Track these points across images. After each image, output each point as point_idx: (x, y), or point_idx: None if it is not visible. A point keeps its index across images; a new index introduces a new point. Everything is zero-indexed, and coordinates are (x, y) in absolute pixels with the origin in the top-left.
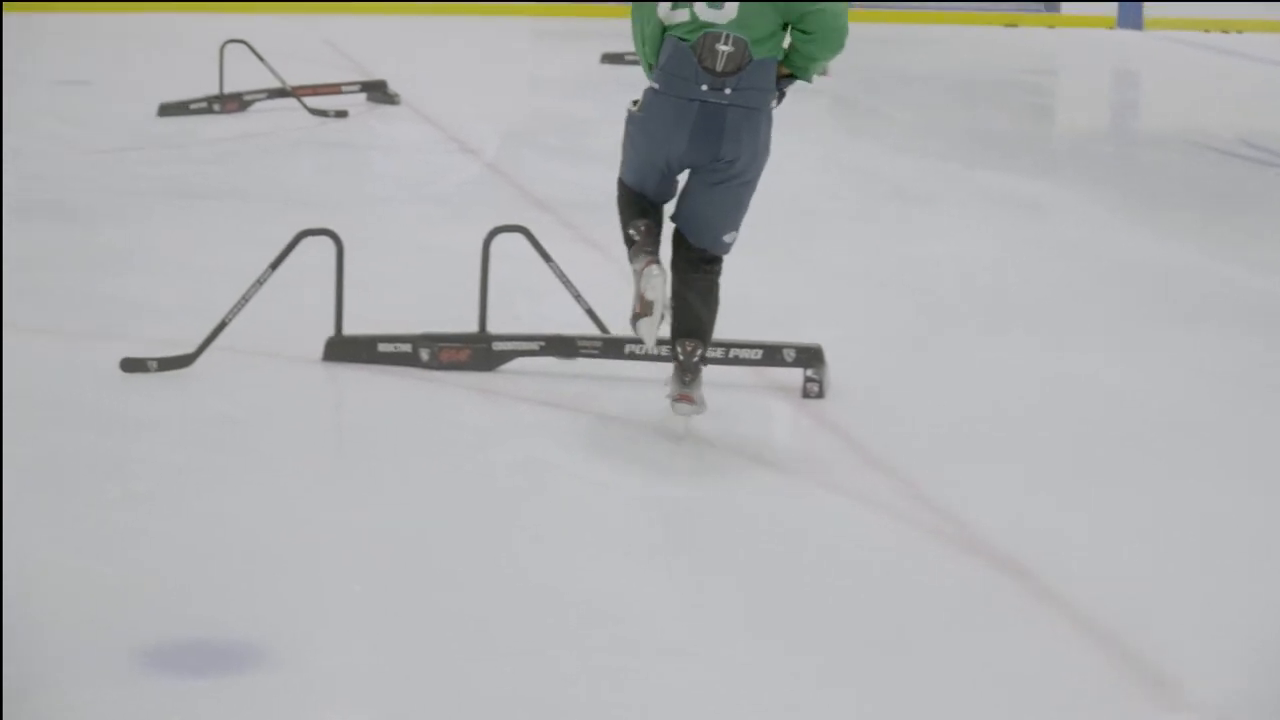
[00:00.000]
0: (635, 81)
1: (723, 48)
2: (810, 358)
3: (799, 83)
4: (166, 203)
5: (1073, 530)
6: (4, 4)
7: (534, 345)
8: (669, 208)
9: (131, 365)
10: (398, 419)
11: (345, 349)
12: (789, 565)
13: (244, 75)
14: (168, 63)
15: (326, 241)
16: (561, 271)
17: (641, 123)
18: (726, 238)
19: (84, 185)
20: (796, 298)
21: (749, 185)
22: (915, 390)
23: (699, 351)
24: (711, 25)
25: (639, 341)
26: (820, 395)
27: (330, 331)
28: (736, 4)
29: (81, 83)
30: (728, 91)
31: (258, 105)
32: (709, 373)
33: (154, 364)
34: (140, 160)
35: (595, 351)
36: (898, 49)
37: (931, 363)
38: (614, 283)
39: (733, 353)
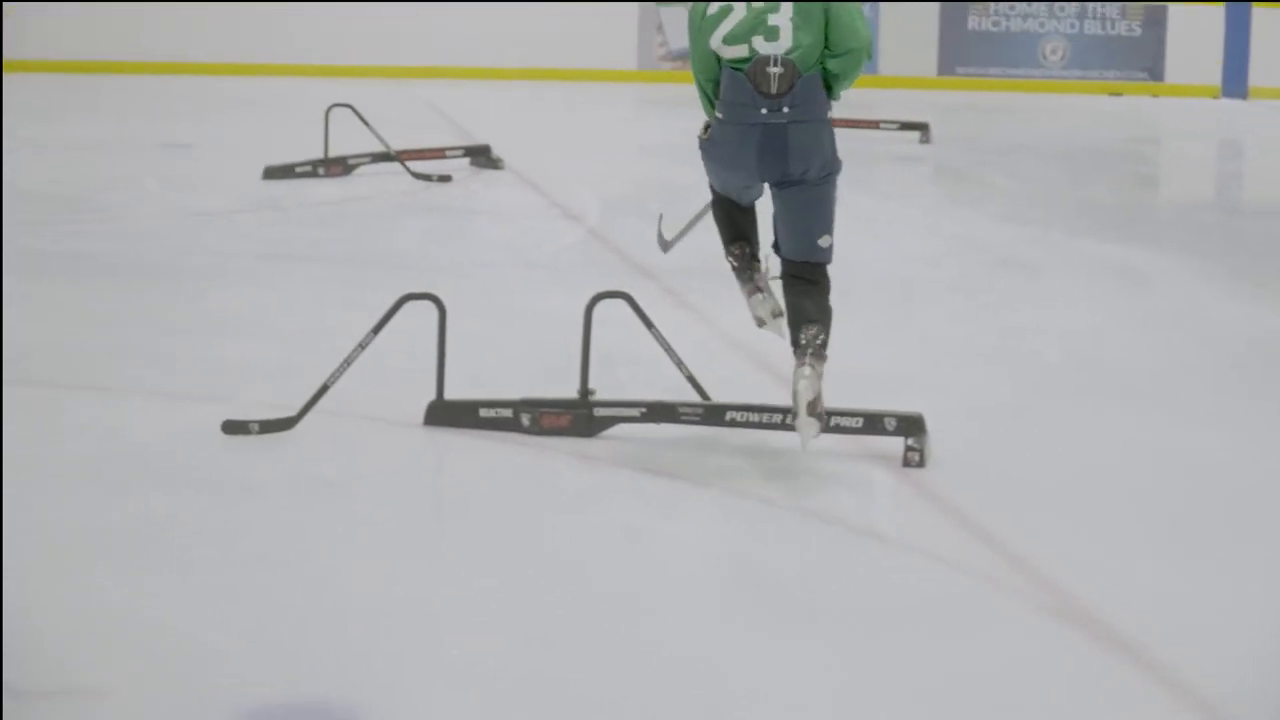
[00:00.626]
0: None
1: (773, 70)
2: (911, 426)
3: (902, 151)
4: (270, 265)
5: (1179, 603)
6: (107, 68)
7: (635, 411)
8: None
9: (233, 428)
10: (498, 483)
11: (446, 413)
12: (889, 634)
13: (349, 139)
14: (272, 126)
15: (429, 305)
16: (663, 337)
17: (711, 149)
18: (821, 242)
19: (189, 248)
20: (897, 366)
21: (826, 190)
22: (1016, 459)
23: (820, 336)
24: (753, 52)
25: (740, 408)
26: (921, 464)
27: (432, 396)
28: (790, 36)
29: (186, 146)
30: (785, 110)
31: (362, 169)
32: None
33: (256, 426)
34: (244, 223)
35: (696, 418)
36: (1001, 117)
37: (1033, 432)
38: (716, 349)
39: (833, 421)
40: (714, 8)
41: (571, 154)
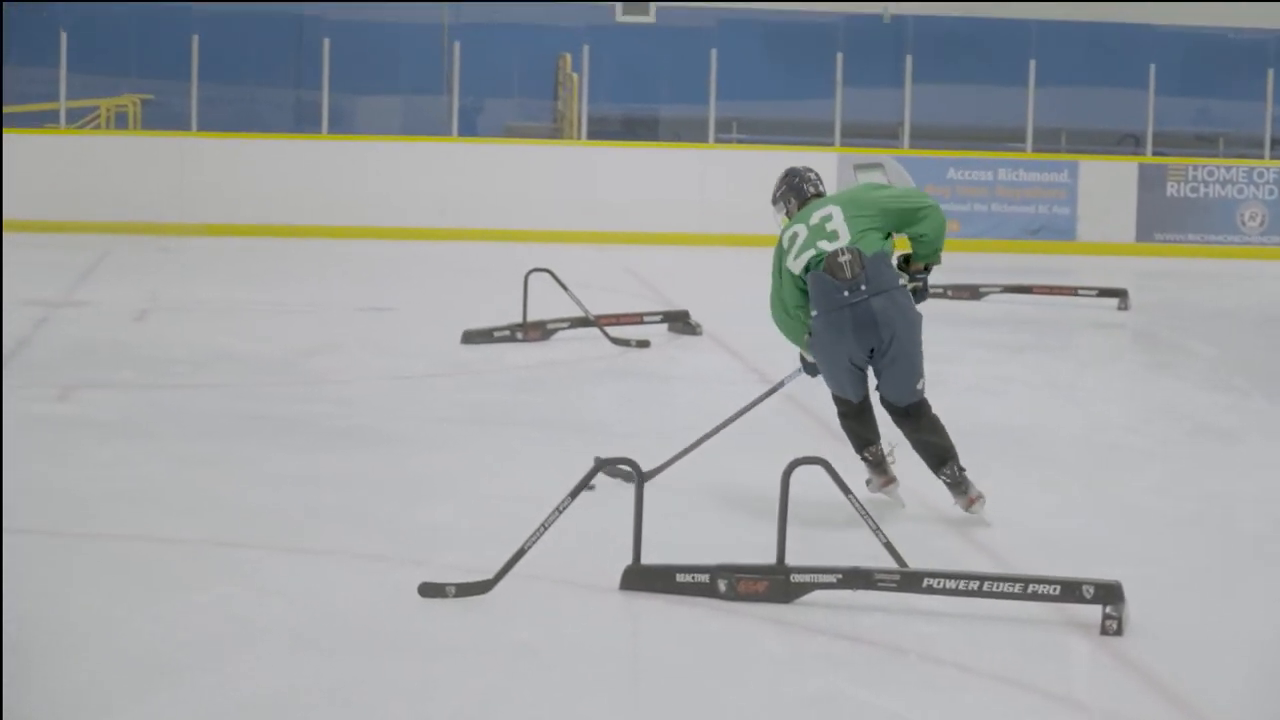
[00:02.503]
0: (937, 316)
1: (844, 259)
2: (1109, 594)
3: (1101, 318)
4: (468, 429)
5: None
6: (311, 232)
7: (832, 577)
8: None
9: (430, 590)
10: (694, 649)
11: (643, 578)
12: None
13: (547, 304)
14: (472, 291)
15: (626, 470)
16: (860, 504)
17: (817, 349)
18: (918, 386)
19: (389, 411)
20: (1096, 533)
21: (914, 345)
22: (1218, 629)
23: (956, 468)
24: (820, 252)
25: (937, 575)
26: (1119, 632)
27: (628, 560)
28: (846, 230)
29: (388, 310)
30: (863, 289)
31: (560, 334)
32: (1007, 607)
33: (452, 589)
34: (444, 387)
35: (893, 585)
36: (1199, 283)
37: (1233, 600)
38: (913, 515)
39: (1030, 588)
40: (785, 240)
41: (769, 319)
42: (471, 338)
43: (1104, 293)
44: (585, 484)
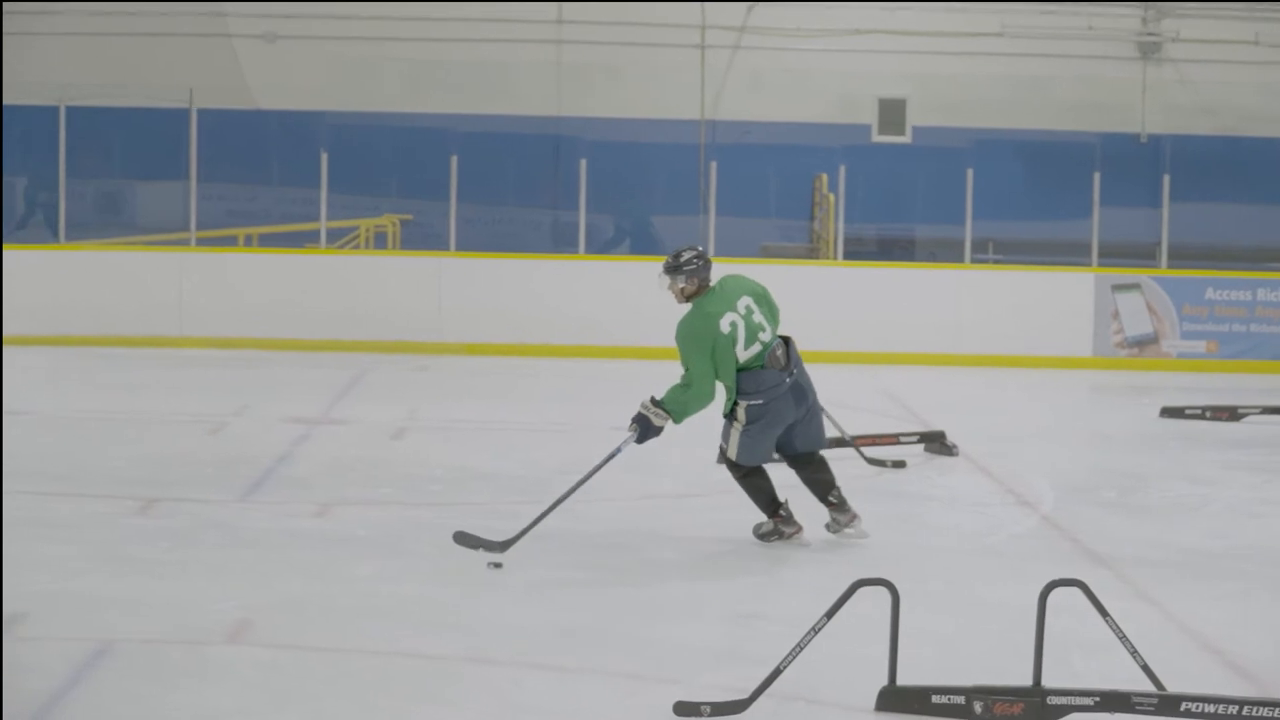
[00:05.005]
0: (1194, 438)
1: (780, 353)
2: None
3: None
4: (722, 548)
5: None
6: (566, 350)
7: (1089, 700)
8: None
9: (685, 709)
10: None
11: (899, 699)
12: None
13: None
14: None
15: (882, 591)
16: (1118, 627)
17: (761, 424)
18: (823, 433)
19: (640, 531)
20: None
21: (818, 402)
22: None
23: (838, 493)
24: (765, 345)
25: (1195, 699)
26: None
27: (884, 681)
28: (767, 323)
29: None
30: (793, 370)
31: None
32: None
33: (708, 709)
34: (697, 506)
35: (1151, 708)
36: None
37: None
38: (1170, 638)
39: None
40: (725, 326)
41: (1026, 440)
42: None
43: None
44: (841, 603)
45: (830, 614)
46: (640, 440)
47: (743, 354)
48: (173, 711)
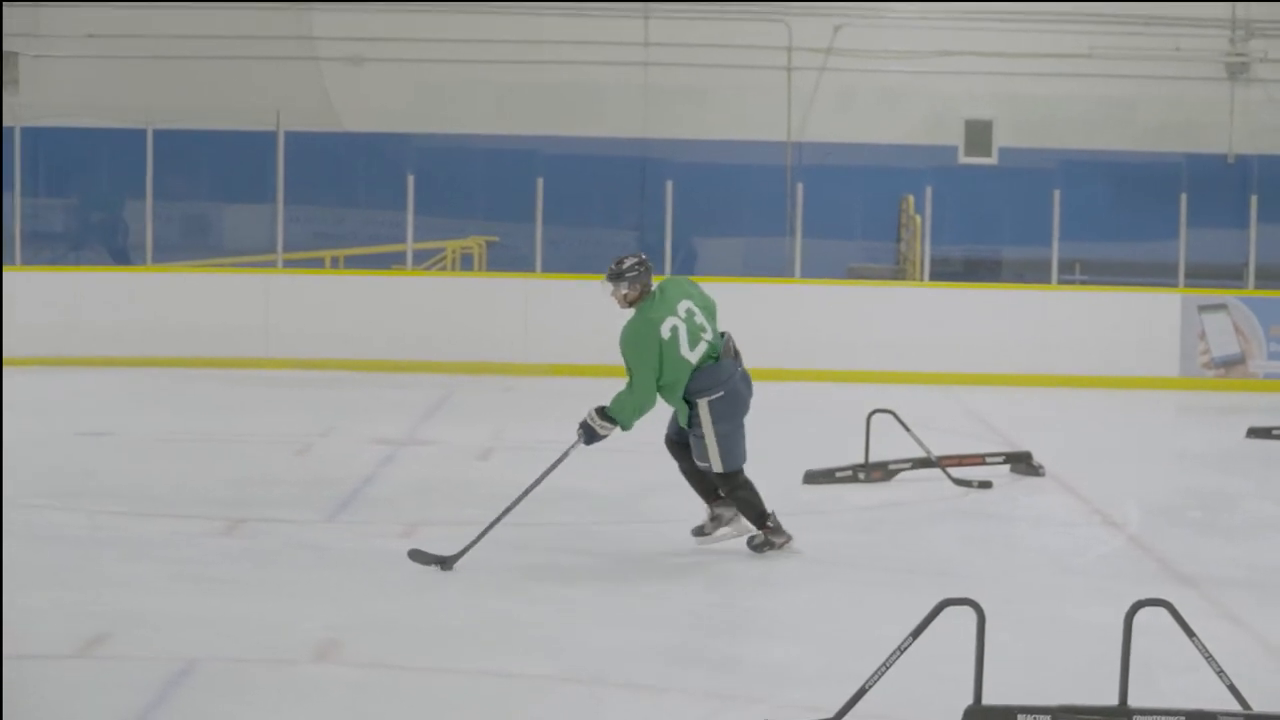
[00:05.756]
0: (1276, 460)
1: (732, 343)
2: None
3: None
4: (810, 569)
5: None
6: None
7: (1175, 719)
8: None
9: None
10: None
11: (985, 718)
12: None
13: (890, 444)
14: (814, 431)
15: (968, 611)
16: (1204, 647)
17: (727, 415)
18: None
19: (729, 551)
20: None
21: None
22: None
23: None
24: (710, 344)
25: None
26: None
27: (968, 700)
28: (708, 322)
29: None
30: (741, 361)
31: (902, 474)
32: None
33: None
34: (787, 527)
35: None
36: None
37: None
38: (1257, 659)
39: None
40: (665, 331)
41: (1113, 461)
42: (813, 478)
43: None
44: (927, 623)
45: (916, 633)
46: (587, 443)
47: (690, 356)
48: None
